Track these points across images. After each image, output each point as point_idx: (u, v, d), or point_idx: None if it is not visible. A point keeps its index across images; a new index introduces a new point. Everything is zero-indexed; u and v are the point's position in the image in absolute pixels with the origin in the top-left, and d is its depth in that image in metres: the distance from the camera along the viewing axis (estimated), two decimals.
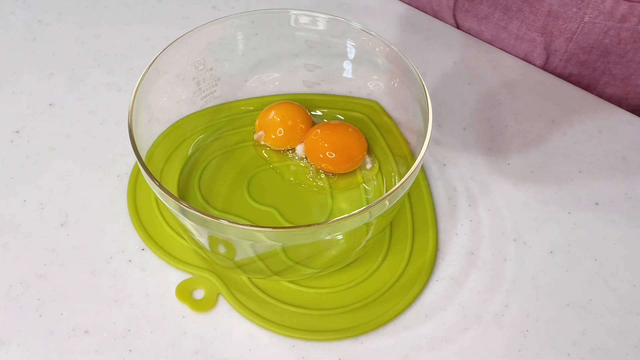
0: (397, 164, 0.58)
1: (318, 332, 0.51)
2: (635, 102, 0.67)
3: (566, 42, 0.64)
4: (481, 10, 0.67)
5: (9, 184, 0.59)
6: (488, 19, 0.67)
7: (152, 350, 0.50)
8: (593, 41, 0.63)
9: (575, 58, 0.65)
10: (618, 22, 0.60)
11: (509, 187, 0.59)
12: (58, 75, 0.66)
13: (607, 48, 0.63)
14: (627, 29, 0.61)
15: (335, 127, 0.59)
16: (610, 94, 0.67)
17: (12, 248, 0.55)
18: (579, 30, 0.62)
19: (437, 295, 0.53)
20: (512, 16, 0.65)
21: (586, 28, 0.62)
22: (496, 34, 0.68)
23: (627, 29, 0.61)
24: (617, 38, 0.62)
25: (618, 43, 0.62)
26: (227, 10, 0.71)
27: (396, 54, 0.54)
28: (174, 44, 0.54)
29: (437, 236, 0.56)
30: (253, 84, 0.63)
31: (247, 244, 0.50)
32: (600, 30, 0.62)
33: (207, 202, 0.57)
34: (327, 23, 0.57)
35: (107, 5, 0.72)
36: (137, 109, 0.51)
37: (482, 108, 0.64)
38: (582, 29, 0.62)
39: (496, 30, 0.67)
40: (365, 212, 0.46)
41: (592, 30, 0.62)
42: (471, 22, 0.68)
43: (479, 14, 0.67)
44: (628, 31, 0.61)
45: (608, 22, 0.61)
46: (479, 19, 0.67)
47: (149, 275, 0.54)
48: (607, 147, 0.61)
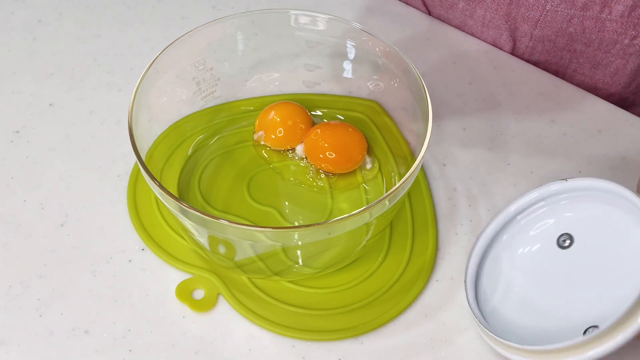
0: (397, 164, 0.58)
1: (318, 332, 0.51)
2: (603, 92, 0.68)
3: (531, 29, 0.64)
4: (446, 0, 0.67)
5: (9, 184, 0.59)
6: (454, 8, 0.68)
7: (152, 350, 0.50)
8: (557, 29, 0.64)
9: (541, 45, 0.66)
10: (580, 10, 0.61)
11: (509, 187, 0.59)
12: (58, 75, 0.66)
13: (572, 36, 0.64)
14: (590, 17, 0.61)
15: (335, 127, 0.59)
16: (578, 83, 0.68)
17: (12, 248, 0.55)
18: (542, 17, 0.63)
19: (437, 295, 0.53)
20: (475, 5, 0.66)
21: (549, 16, 0.63)
22: (463, 21, 0.69)
23: (590, 17, 0.61)
24: (581, 27, 0.63)
25: (583, 32, 0.63)
26: (227, 10, 0.71)
27: (396, 54, 0.54)
28: (174, 44, 0.54)
29: (437, 236, 0.56)
30: (253, 84, 0.62)
31: (247, 244, 0.50)
32: (563, 19, 0.62)
33: (207, 202, 0.57)
34: (327, 23, 0.57)
35: (107, 5, 0.72)
36: (137, 109, 0.51)
37: (482, 108, 0.64)
38: (544, 17, 0.63)
39: (462, 17, 0.68)
40: (365, 212, 0.46)
41: (554, 18, 0.63)
42: (439, 9, 0.69)
43: (445, 3, 0.68)
44: (591, 20, 0.62)
45: (570, 10, 0.61)
46: (446, 8, 0.68)
47: (149, 275, 0.54)
48: (607, 147, 0.61)
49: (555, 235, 0.52)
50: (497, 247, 0.53)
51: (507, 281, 0.52)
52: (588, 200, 0.51)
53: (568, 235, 0.51)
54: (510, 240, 0.53)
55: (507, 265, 0.52)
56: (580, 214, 0.51)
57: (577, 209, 0.51)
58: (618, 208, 0.49)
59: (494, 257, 0.53)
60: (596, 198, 0.50)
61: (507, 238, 0.53)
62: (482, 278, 0.52)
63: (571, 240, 0.51)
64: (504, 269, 0.52)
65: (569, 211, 0.52)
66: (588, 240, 0.51)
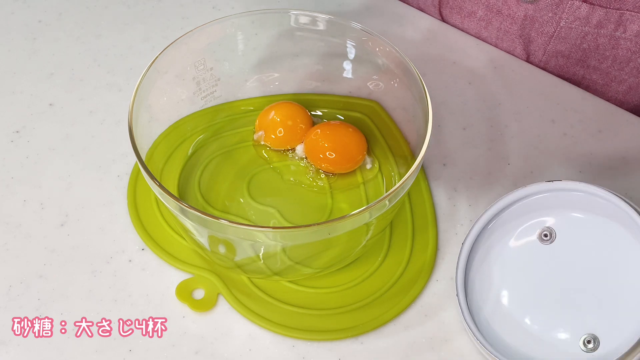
0: (397, 164, 0.58)
1: (318, 332, 0.51)
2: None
3: (544, 43, 0.64)
4: (465, 8, 0.67)
5: (9, 184, 0.59)
6: (470, 18, 0.67)
7: (152, 350, 0.50)
8: (571, 45, 0.64)
9: (555, 60, 0.66)
10: (595, 28, 0.61)
11: (509, 187, 0.59)
12: (58, 75, 0.66)
13: (585, 52, 0.64)
14: (605, 35, 0.61)
15: (335, 127, 0.59)
16: None
17: (12, 248, 0.55)
18: (556, 34, 0.63)
19: (437, 295, 0.53)
20: (492, 17, 0.66)
21: (563, 32, 0.63)
22: (478, 32, 0.68)
23: (604, 34, 0.61)
24: (595, 43, 0.62)
25: (596, 48, 0.63)
26: (227, 10, 0.71)
27: (396, 54, 0.54)
28: (174, 44, 0.54)
29: (437, 236, 0.56)
30: (253, 84, 0.62)
31: (247, 244, 0.50)
32: (577, 35, 0.62)
33: (207, 202, 0.57)
34: (327, 23, 0.57)
35: (107, 5, 0.72)
36: (137, 109, 0.51)
37: (482, 108, 0.64)
38: (559, 33, 0.63)
39: (478, 28, 0.68)
40: (365, 212, 0.46)
41: (568, 34, 0.63)
42: (455, 18, 0.69)
43: (463, 10, 0.67)
44: (605, 37, 0.62)
45: (585, 27, 0.61)
46: (463, 17, 0.68)
47: (149, 275, 0.54)
48: (607, 147, 0.61)
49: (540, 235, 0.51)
50: (483, 252, 0.52)
51: (497, 290, 0.51)
52: (576, 204, 0.50)
53: (550, 232, 0.51)
54: (495, 245, 0.52)
55: (497, 272, 0.52)
56: (566, 219, 0.51)
57: (561, 212, 0.51)
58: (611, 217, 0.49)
59: (482, 262, 0.52)
60: (585, 202, 0.50)
61: (491, 242, 0.52)
62: (474, 287, 0.52)
63: (553, 238, 0.51)
64: (494, 277, 0.52)
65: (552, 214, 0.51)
66: (575, 244, 0.50)
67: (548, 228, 0.51)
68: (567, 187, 0.50)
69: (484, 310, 0.50)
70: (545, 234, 0.51)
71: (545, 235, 0.51)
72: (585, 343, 0.47)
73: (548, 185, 0.50)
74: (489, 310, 0.50)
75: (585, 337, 0.47)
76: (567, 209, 0.51)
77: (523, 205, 0.52)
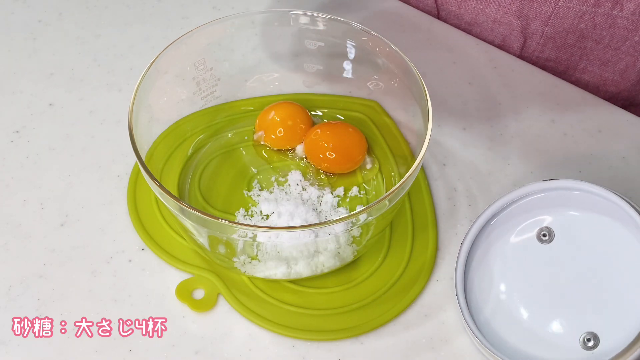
0: (397, 164, 0.58)
1: (318, 332, 0.51)
2: (612, 89, 0.68)
3: (542, 25, 0.64)
4: None
5: (9, 184, 0.59)
6: (466, 4, 0.67)
7: (152, 350, 0.50)
8: (569, 25, 0.64)
9: (552, 42, 0.66)
10: (592, 7, 0.61)
11: (509, 187, 0.59)
12: (58, 75, 0.66)
13: (583, 33, 0.64)
14: (602, 13, 0.61)
15: (335, 127, 0.59)
16: (587, 81, 0.68)
17: (12, 248, 0.55)
18: (554, 13, 0.63)
19: (437, 295, 0.53)
20: (488, 0, 0.66)
21: (561, 12, 0.63)
22: (475, 17, 0.68)
23: (601, 13, 0.61)
24: (592, 23, 0.63)
25: (594, 28, 0.63)
26: (227, 10, 0.71)
27: (396, 54, 0.54)
28: (174, 44, 0.54)
29: (437, 236, 0.56)
30: (253, 84, 0.63)
31: (247, 244, 0.50)
32: (575, 15, 0.62)
33: (207, 202, 0.57)
34: (327, 23, 0.57)
35: (107, 5, 0.72)
36: (137, 109, 0.51)
37: (482, 108, 0.64)
38: (557, 13, 0.63)
39: (475, 13, 0.68)
40: (365, 212, 0.46)
41: (567, 14, 0.63)
42: (451, 5, 0.69)
43: None
44: (602, 16, 0.62)
45: (582, 7, 0.62)
46: (459, 2, 0.68)
47: (149, 275, 0.54)
48: (607, 147, 0.61)
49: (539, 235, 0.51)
50: (482, 252, 0.52)
51: (497, 289, 0.51)
52: (574, 203, 0.50)
53: (548, 231, 0.51)
54: (494, 244, 0.52)
55: (496, 271, 0.52)
56: (564, 217, 0.51)
57: (559, 211, 0.51)
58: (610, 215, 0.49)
59: (481, 262, 0.52)
60: (583, 201, 0.50)
61: (489, 242, 0.52)
62: (473, 287, 0.52)
63: (551, 237, 0.51)
64: (494, 276, 0.52)
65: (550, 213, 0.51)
66: (574, 243, 0.50)
67: (547, 227, 0.51)
68: (565, 186, 0.50)
69: (484, 309, 0.51)
70: (544, 233, 0.51)
71: (544, 235, 0.51)
72: (585, 341, 0.47)
73: (546, 184, 0.50)
74: (489, 310, 0.50)
75: (584, 335, 0.47)
76: (566, 208, 0.51)
77: (522, 204, 0.52)
